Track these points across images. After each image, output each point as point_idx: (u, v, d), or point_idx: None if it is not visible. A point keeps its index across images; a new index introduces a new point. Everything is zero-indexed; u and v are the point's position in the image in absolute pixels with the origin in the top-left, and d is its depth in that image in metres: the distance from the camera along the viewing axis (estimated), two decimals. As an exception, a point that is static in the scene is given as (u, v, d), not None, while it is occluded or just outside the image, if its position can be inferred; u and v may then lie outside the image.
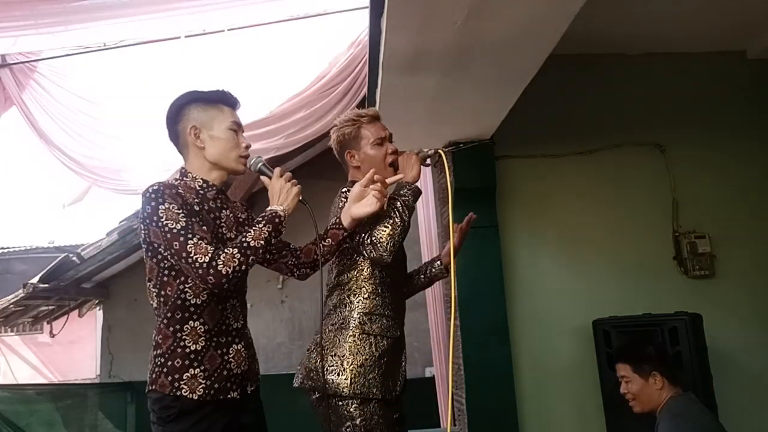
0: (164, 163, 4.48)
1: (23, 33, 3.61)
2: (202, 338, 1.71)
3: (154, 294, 1.73)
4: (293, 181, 1.81)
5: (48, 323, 8.95)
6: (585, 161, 3.54)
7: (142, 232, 1.71)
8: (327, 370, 1.94)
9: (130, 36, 4.06)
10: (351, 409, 1.92)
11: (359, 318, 2.00)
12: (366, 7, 2.60)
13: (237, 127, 1.84)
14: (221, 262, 1.61)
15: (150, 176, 4.55)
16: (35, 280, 6.05)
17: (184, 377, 1.67)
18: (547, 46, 2.45)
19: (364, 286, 2.03)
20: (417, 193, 2.05)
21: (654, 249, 3.51)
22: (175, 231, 1.62)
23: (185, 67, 4.05)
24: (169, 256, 1.68)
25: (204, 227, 1.71)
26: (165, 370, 1.67)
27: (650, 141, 3.60)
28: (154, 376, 1.69)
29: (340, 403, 1.93)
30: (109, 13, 3.55)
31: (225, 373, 1.74)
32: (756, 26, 3.47)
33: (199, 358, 1.69)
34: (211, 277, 1.60)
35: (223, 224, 1.81)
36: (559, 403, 3.35)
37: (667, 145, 3.60)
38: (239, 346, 1.80)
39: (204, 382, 1.69)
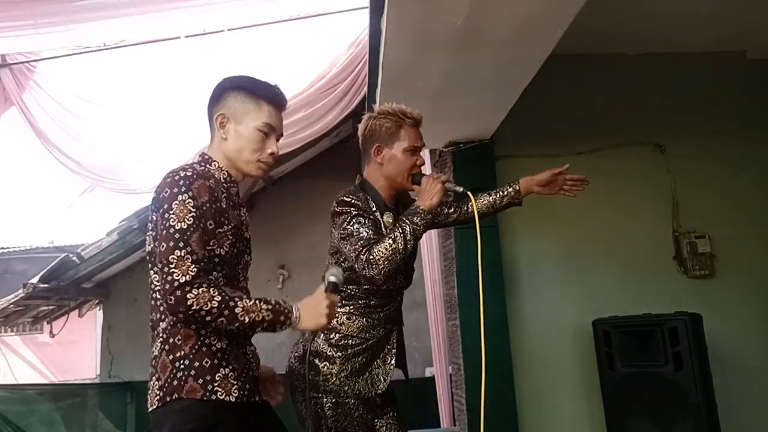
0: (164, 162, 4.48)
1: (23, 33, 3.60)
2: (224, 336, 1.55)
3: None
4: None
5: (48, 323, 8.95)
6: (585, 161, 3.52)
7: (153, 214, 1.55)
8: (305, 365, 1.94)
9: (130, 36, 4.06)
10: (326, 407, 1.92)
11: (337, 318, 1.97)
12: (366, 7, 2.60)
13: (268, 130, 1.70)
14: (192, 295, 1.42)
15: (150, 176, 4.56)
16: (35, 280, 6.05)
17: (217, 378, 1.50)
18: (547, 46, 2.45)
19: (349, 287, 1.99)
20: (429, 225, 1.98)
21: (654, 249, 3.50)
22: (171, 231, 1.46)
23: (185, 67, 4.06)
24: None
25: (230, 226, 1.59)
26: (193, 372, 1.48)
27: (650, 141, 3.60)
28: (176, 382, 1.48)
29: (316, 398, 1.93)
30: (109, 13, 3.55)
31: (251, 374, 1.61)
32: (756, 26, 3.46)
33: (227, 357, 1.54)
34: (171, 298, 1.42)
35: (243, 224, 1.70)
36: (559, 403, 3.35)
37: (667, 145, 3.60)
38: (252, 348, 1.69)
39: (236, 382, 1.53)
